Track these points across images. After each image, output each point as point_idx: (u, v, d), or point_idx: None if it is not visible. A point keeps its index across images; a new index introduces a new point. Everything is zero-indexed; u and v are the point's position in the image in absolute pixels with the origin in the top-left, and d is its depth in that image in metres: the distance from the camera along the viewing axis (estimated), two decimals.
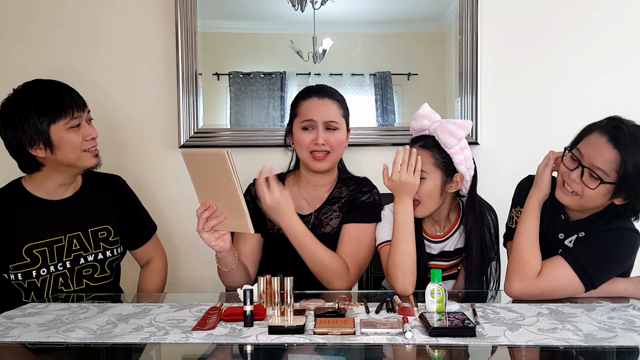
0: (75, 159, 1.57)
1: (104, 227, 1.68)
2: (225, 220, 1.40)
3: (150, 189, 2.24)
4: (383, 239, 1.61)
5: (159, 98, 2.26)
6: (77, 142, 1.56)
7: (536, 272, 1.38)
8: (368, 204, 1.67)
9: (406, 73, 2.24)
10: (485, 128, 2.23)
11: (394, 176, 1.49)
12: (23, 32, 2.25)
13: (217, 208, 1.39)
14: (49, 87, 1.56)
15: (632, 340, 1.08)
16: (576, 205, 1.43)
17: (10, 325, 1.23)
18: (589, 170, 1.36)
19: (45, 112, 1.51)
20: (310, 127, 1.61)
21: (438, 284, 1.25)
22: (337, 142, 1.62)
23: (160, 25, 2.24)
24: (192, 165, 1.38)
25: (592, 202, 1.40)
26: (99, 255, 1.67)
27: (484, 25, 2.20)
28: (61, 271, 1.61)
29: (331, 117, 1.61)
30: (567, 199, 1.43)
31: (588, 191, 1.37)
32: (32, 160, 1.56)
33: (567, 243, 1.49)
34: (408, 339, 1.08)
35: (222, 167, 1.30)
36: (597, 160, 1.34)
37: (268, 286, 1.34)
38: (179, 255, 2.26)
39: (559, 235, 1.51)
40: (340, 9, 2.23)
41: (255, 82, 2.26)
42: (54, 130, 1.53)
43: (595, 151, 1.35)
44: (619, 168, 1.32)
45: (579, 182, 1.38)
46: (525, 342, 1.07)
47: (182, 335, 1.13)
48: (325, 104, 1.62)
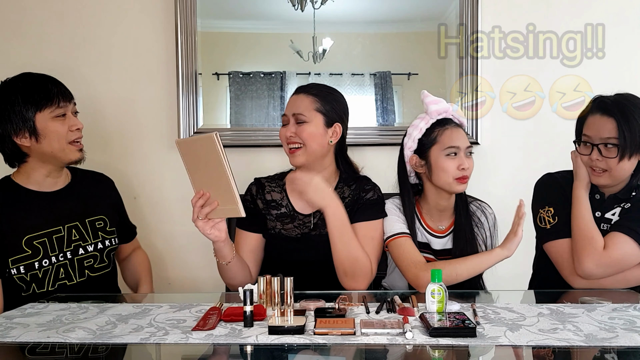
0: (59, 149, 1.59)
1: (100, 217, 1.71)
2: (218, 207, 1.41)
3: (150, 188, 2.24)
4: (393, 232, 1.62)
5: (159, 98, 2.26)
6: (62, 131, 1.59)
7: (602, 246, 1.49)
8: (374, 201, 1.67)
9: (406, 73, 2.24)
10: (485, 128, 2.23)
11: (518, 233, 1.50)
12: (22, 32, 2.25)
13: (210, 195, 1.40)
14: (36, 77, 1.60)
15: (633, 340, 1.07)
16: (612, 181, 1.55)
17: (10, 326, 1.23)
18: (603, 145, 1.51)
19: (31, 100, 1.55)
20: (285, 122, 1.65)
21: (438, 284, 1.25)
22: (307, 135, 1.61)
23: (160, 25, 2.24)
24: (186, 153, 1.40)
25: (621, 171, 1.52)
26: (98, 245, 1.69)
27: (484, 26, 2.20)
28: (62, 262, 1.62)
29: (299, 110, 1.62)
30: (602, 180, 1.55)
31: (612, 162, 1.50)
32: (17, 150, 1.59)
33: (610, 215, 1.58)
34: (408, 339, 1.08)
35: (212, 151, 1.31)
36: (603, 133, 1.51)
37: (268, 286, 1.34)
38: (179, 255, 2.26)
39: (595, 214, 1.58)
40: (340, 9, 2.22)
41: (255, 82, 2.26)
42: (40, 118, 1.56)
43: (597, 128, 1.52)
44: (618, 128, 1.48)
45: (601, 159, 1.52)
46: (525, 343, 1.06)
47: (182, 336, 1.13)
48: (298, 98, 1.64)
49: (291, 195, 1.70)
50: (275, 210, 1.68)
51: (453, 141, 1.58)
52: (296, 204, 1.69)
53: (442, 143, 1.59)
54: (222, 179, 1.34)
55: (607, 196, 1.60)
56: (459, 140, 1.59)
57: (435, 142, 1.60)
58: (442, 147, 1.59)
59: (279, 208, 1.68)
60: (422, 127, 1.64)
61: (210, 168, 1.35)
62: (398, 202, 1.68)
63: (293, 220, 1.67)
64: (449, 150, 1.58)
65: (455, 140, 1.59)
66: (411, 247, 1.58)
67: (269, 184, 1.73)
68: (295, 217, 1.67)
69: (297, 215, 1.67)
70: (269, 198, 1.70)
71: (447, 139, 1.59)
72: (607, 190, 1.60)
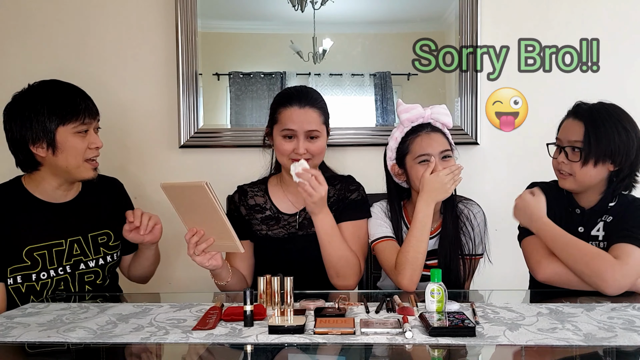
0: (74, 166, 1.55)
1: (104, 232, 1.67)
2: (214, 242, 1.42)
3: (150, 188, 2.24)
4: (377, 235, 1.64)
5: (159, 98, 2.26)
6: (81, 148, 1.54)
7: (612, 257, 1.40)
8: (358, 201, 1.70)
9: (406, 73, 2.24)
10: (485, 128, 2.23)
11: (441, 173, 1.53)
12: (22, 32, 2.25)
13: (204, 232, 1.41)
14: (65, 88, 1.56)
15: (632, 340, 1.08)
16: (576, 186, 1.53)
17: (10, 325, 1.23)
18: (570, 147, 1.51)
19: (57, 112, 1.50)
20: (291, 135, 1.61)
21: (438, 283, 1.25)
22: (318, 150, 1.62)
23: (160, 25, 2.24)
24: (173, 197, 1.39)
25: (586, 176, 1.50)
26: (99, 261, 1.66)
27: (484, 26, 2.20)
28: (62, 275, 1.60)
29: (312, 127, 1.60)
30: (567, 183, 1.54)
31: (576, 166, 1.50)
32: (31, 159, 1.55)
33: (595, 232, 1.55)
34: (408, 339, 1.08)
35: (202, 198, 1.31)
36: (571, 136, 1.51)
37: (268, 286, 1.35)
38: (179, 255, 2.26)
39: (578, 229, 1.56)
40: (340, 9, 2.23)
41: (255, 82, 2.26)
42: (61, 132, 1.51)
43: (567, 131, 1.54)
44: (584, 132, 1.48)
45: (567, 162, 1.52)
46: (525, 342, 1.07)
47: (182, 335, 1.13)
48: (307, 112, 1.61)
49: (274, 197, 1.72)
50: (260, 214, 1.70)
51: (424, 149, 1.58)
52: (280, 205, 1.71)
53: (413, 152, 1.60)
54: (217, 220, 1.35)
55: (586, 210, 1.57)
56: (430, 147, 1.58)
57: (408, 151, 1.61)
58: (414, 155, 1.59)
59: (263, 211, 1.70)
60: (397, 136, 1.65)
61: (201, 210, 1.35)
62: (385, 206, 1.69)
63: (278, 221, 1.69)
64: (420, 158, 1.58)
65: (427, 147, 1.58)
66: (391, 250, 1.60)
67: (251, 189, 1.75)
68: (280, 218, 1.69)
69: (281, 216, 1.69)
70: (252, 203, 1.72)
71: (418, 147, 1.59)
72: (584, 204, 1.57)
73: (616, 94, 2.16)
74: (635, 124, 1.51)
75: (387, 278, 1.74)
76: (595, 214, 1.56)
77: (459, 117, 2.21)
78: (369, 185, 1.78)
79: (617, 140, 1.47)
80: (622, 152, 1.47)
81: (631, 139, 1.48)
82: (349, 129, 2.22)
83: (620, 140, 1.47)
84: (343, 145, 2.20)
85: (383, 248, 1.63)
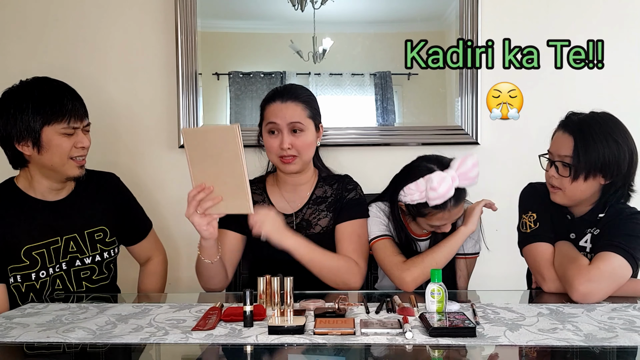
0: (59, 164, 1.54)
1: (100, 229, 1.67)
2: (221, 202, 1.38)
3: (150, 188, 2.24)
4: (375, 234, 1.65)
5: (159, 98, 2.26)
6: (66, 147, 1.53)
7: (587, 263, 1.41)
8: (356, 200, 1.69)
9: (406, 73, 2.24)
10: (485, 128, 2.23)
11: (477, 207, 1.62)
12: (22, 31, 2.25)
13: (213, 189, 1.37)
14: (54, 87, 1.54)
15: (632, 340, 1.08)
16: (567, 200, 1.52)
17: (9, 326, 1.23)
18: (560, 162, 1.48)
19: (41, 112, 1.49)
20: (275, 130, 1.60)
21: (438, 284, 1.25)
22: (303, 145, 1.60)
23: (160, 25, 2.24)
24: (193, 144, 1.35)
25: (576, 191, 1.48)
26: (96, 257, 1.66)
27: (484, 26, 2.20)
28: (58, 273, 1.60)
29: (294, 119, 1.59)
30: (558, 197, 1.52)
31: (566, 182, 1.47)
32: (19, 156, 1.55)
33: (583, 243, 1.54)
34: (408, 339, 1.08)
35: (229, 143, 1.27)
36: (561, 150, 1.48)
37: (268, 286, 1.34)
38: (179, 255, 2.26)
39: (570, 236, 1.56)
40: (340, 9, 2.22)
41: (255, 82, 2.26)
42: (46, 132, 1.50)
43: (557, 144, 1.50)
44: (574, 148, 1.45)
45: (557, 177, 1.49)
46: (525, 342, 1.07)
47: (182, 336, 1.13)
48: (288, 106, 1.60)
49: (272, 197, 1.71)
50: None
51: (439, 221, 1.58)
52: (277, 204, 1.70)
53: (429, 220, 1.58)
54: (234, 172, 1.31)
55: (576, 218, 1.56)
56: (444, 219, 1.57)
57: (423, 216, 1.58)
58: (427, 222, 1.59)
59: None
60: (416, 198, 1.57)
61: (221, 161, 1.31)
62: (383, 206, 1.69)
63: None
64: (433, 226, 1.60)
65: (442, 220, 1.57)
66: (391, 248, 1.61)
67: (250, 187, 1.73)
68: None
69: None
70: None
71: (435, 219, 1.57)
72: (575, 212, 1.56)
73: (620, 91, 2.18)
74: (628, 134, 1.47)
75: (384, 279, 1.74)
76: (584, 223, 1.54)
77: (460, 116, 2.21)
78: (369, 185, 1.78)
79: (608, 154, 1.43)
80: (613, 166, 1.44)
81: (622, 151, 1.44)
82: (349, 129, 2.21)
83: (610, 153, 1.43)
84: (343, 145, 2.20)
85: (380, 247, 1.63)
